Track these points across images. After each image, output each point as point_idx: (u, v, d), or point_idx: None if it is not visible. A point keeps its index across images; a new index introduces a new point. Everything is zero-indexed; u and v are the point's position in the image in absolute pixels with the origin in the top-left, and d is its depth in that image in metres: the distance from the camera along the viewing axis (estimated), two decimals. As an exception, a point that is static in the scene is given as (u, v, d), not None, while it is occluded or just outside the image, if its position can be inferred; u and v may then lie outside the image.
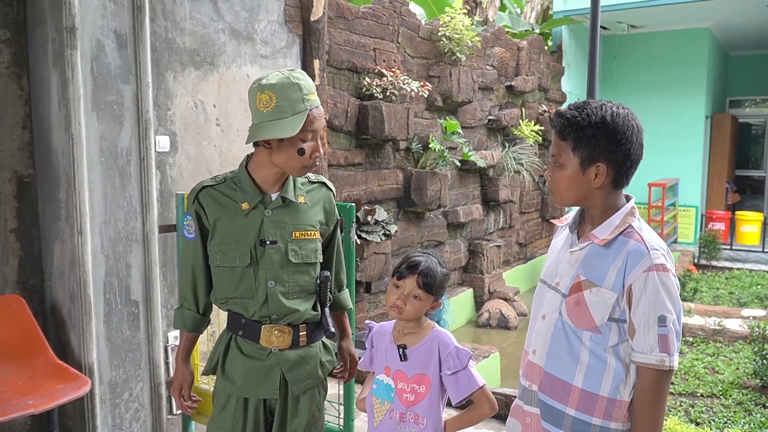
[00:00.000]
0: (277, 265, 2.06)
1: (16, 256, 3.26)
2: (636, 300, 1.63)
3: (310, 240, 2.13)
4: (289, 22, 4.51)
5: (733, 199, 12.70)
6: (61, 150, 3.10)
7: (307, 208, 2.15)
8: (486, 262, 7.42)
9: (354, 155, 5.46)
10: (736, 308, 7.06)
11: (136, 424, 3.40)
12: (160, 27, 3.51)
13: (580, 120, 1.68)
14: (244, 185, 2.08)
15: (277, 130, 1.94)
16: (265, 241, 2.05)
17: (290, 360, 2.11)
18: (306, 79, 2.00)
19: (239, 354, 2.11)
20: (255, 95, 1.98)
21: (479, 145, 7.74)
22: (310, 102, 1.97)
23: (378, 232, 5.41)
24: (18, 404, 2.71)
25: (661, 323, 1.61)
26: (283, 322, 2.09)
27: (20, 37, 3.24)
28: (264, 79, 1.98)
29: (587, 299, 1.70)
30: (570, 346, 1.73)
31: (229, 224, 2.06)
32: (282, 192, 2.09)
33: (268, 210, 2.07)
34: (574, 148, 1.70)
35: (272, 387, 2.09)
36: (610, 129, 1.66)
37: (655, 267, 1.62)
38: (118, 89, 3.24)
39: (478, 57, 7.44)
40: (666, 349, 1.62)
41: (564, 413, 1.73)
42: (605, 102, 1.72)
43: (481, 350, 5.17)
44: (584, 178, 1.71)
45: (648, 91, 11.29)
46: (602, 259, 1.71)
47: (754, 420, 4.27)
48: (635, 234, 1.69)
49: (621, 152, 1.68)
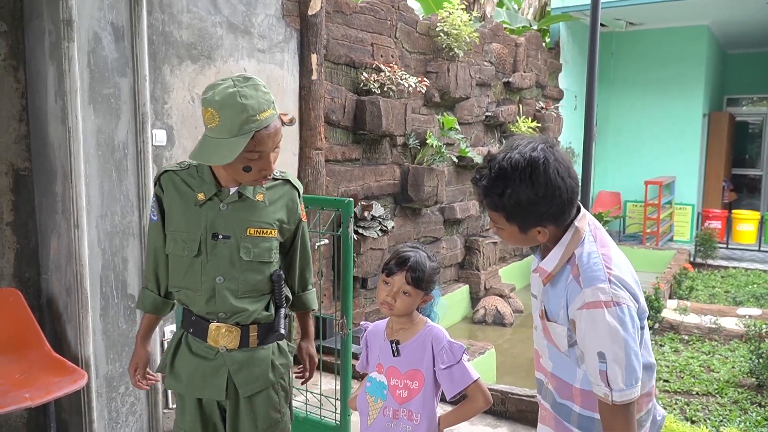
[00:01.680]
0: (227, 261, 2.01)
1: (12, 250, 3.25)
2: (578, 334, 1.63)
3: (265, 238, 2.05)
4: (287, 16, 4.49)
5: (730, 197, 12.72)
6: (58, 143, 3.09)
7: (264, 206, 2.07)
8: (482, 258, 7.43)
9: (351, 151, 5.45)
10: (732, 307, 7.08)
11: (132, 417, 3.40)
12: (157, 20, 3.50)
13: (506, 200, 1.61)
14: (204, 175, 2.03)
15: (214, 153, 1.86)
16: (218, 235, 2.01)
17: (238, 361, 2.05)
18: (256, 96, 1.86)
19: (188, 352, 2.08)
20: (202, 107, 1.89)
21: (476, 141, 7.73)
22: (257, 123, 1.84)
23: (375, 228, 5.41)
24: (14, 397, 2.70)
25: (601, 359, 1.57)
26: (231, 321, 2.03)
27: (17, 30, 3.22)
28: (211, 92, 1.86)
29: (549, 329, 1.73)
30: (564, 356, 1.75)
31: (183, 212, 2.03)
32: (239, 188, 2.03)
33: (224, 204, 2.02)
34: (508, 218, 1.66)
35: (219, 388, 2.05)
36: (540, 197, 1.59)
37: (586, 305, 1.58)
38: (115, 82, 3.23)
39: (475, 53, 7.43)
40: (608, 384, 1.57)
41: (572, 410, 1.76)
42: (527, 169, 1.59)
43: (477, 347, 5.17)
44: (528, 236, 1.69)
45: (645, 89, 11.29)
46: (552, 294, 1.71)
47: (749, 419, 4.29)
48: (574, 266, 1.65)
49: (554, 207, 1.62)
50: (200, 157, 1.91)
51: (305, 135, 4.75)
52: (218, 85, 1.87)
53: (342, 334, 3.09)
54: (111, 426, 3.30)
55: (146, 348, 2.20)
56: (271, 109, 1.89)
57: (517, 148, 1.63)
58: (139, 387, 2.22)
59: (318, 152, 4.81)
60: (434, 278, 2.11)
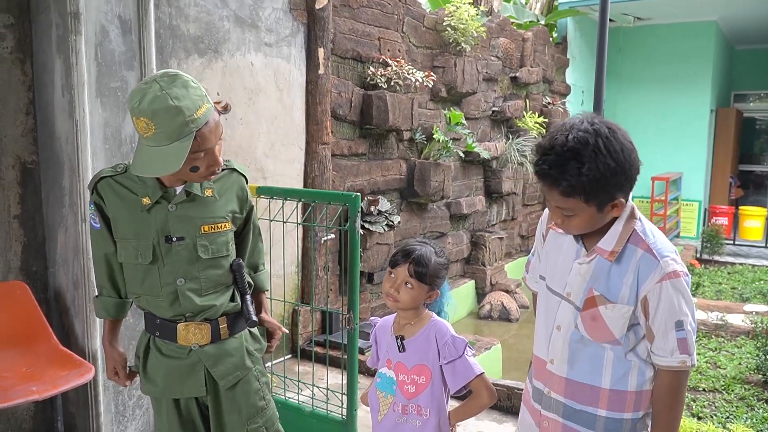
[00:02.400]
0: (185, 262, 1.96)
1: (19, 243, 3.26)
2: (653, 310, 1.62)
3: (221, 233, 2.01)
4: (294, 9, 4.48)
5: (737, 194, 12.66)
6: (65, 136, 3.09)
7: (215, 200, 2.01)
8: (488, 253, 7.41)
9: (357, 145, 5.44)
10: (738, 303, 7.05)
11: (138, 411, 3.40)
12: (165, 13, 3.49)
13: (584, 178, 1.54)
14: (145, 178, 1.91)
15: (158, 163, 1.75)
16: (171, 237, 1.93)
17: (212, 355, 2.03)
18: (188, 94, 1.75)
19: (159, 355, 2.04)
20: (132, 117, 1.76)
21: (483, 136, 7.71)
22: (196, 122, 1.75)
23: (381, 223, 5.40)
24: (22, 390, 2.71)
25: (678, 328, 1.62)
26: (198, 318, 2.00)
27: (24, 23, 3.21)
28: (137, 100, 1.73)
29: (604, 315, 1.67)
30: (592, 355, 1.72)
31: (129, 219, 1.94)
32: (186, 186, 1.94)
33: (172, 205, 1.94)
34: (587, 200, 1.59)
35: (197, 384, 2.03)
36: (620, 167, 1.56)
37: (667, 276, 1.60)
38: (122, 75, 3.22)
39: (482, 48, 7.40)
40: (686, 350, 1.63)
41: (596, 415, 1.72)
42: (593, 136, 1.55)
43: (483, 342, 5.16)
44: (602, 214, 1.64)
45: (652, 85, 11.24)
46: (614, 274, 1.67)
47: (756, 415, 4.27)
48: (642, 241, 1.65)
49: (632, 172, 1.61)
50: (144, 170, 1.78)
51: (312, 129, 4.74)
52: (143, 90, 1.75)
53: (348, 329, 3.08)
54: (118, 419, 3.30)
55: (118, 349, 2.15)
56: (206, 103, 1.80)
57: (573, 128, 1.58)
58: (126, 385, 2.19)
59: (324, 147, 4.80)
60: (440, 274, 2.09)
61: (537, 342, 1.88)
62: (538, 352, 1.87)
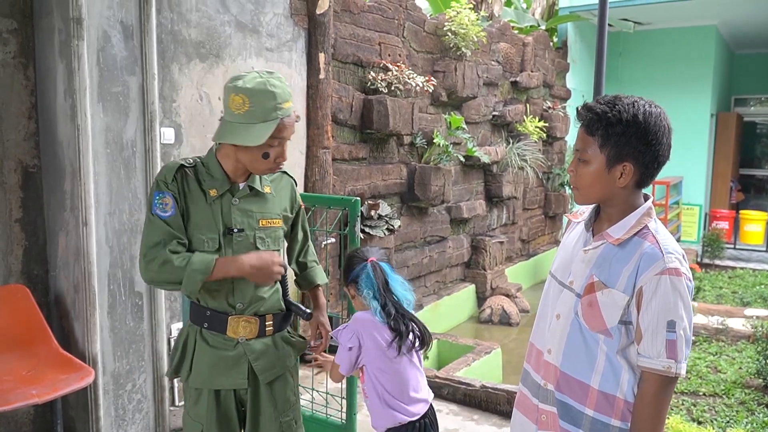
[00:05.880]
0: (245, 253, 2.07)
1: (20, 246, 3.27)
2: (645, 303, 1.60)
3: (275, 228, 2.18)
4: (295, 15, 4.50)
5: (737, 198, 12.65)
6: (67, 141, 3.10)
7: (272, 197, 2.19)
8: (488, 258, 7.41)
9: (358, 149, 5.45)
10: (739, 307, 7.05)
11: (138, 415, 3.41)
12: (166, 18, 3.51)
13: (610, 116, 1.61)
14: (214, 172, 2.08)
15: (244, 136, 1.95)
16: (233, 229, 2.07)
17: (257, 350, 2.14)
18: (283, 86, 2.00)
19: (206, 346, 2.12)
20: (229, 95, 1.97)
21: (483, 140, 7.72)
22: (282, 111, 1.97)
23: (381, 227, 5.41)
24: (22, 394, 2.72)
25: (670, 328, 1.57)
26: (249, 311, 2.12)
27: (27, 27, 3.23)
28: (240, 81, 1.97)
29: (599, 301, 1.66)
30: (587, 347, 1.70)
31: (197, 209, 2.06)
32: (249, 181, 2.12)
33: (236, 198, 2.10)
34: (601, 145, 1.64)
35: (240, 377, 2.12)
36: (642, 128, 1.60)
37: (668, 270, 1.58)
38: (124, 80, 3.24)
39: (483, 52, 7.41)
40: (673, 356, 1.58)
41: (583, 413, 1.70)
42: (638, 99, 1.66)
43: (483, 346, 5.17)
44: (609, 177, 1.66)
45: (653, 89, 11.23)
46: (615, 260, 1.66)
47: (756, 420, 4.27)
48: (650, 236, 1.65)
49: (650, 153, 1.62)
50: (230, 138, 1.97)
51: (312, 134, 4.75)
52: (245, 75, 1.98)
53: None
54: (117, 423, 3.31)
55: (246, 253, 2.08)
56: (291, 100, 2.03)
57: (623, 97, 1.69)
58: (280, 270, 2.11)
59: (325, 151, 4.81)
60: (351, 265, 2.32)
61: (537, 332, 1.88)
62: (536, 341, 1.87)
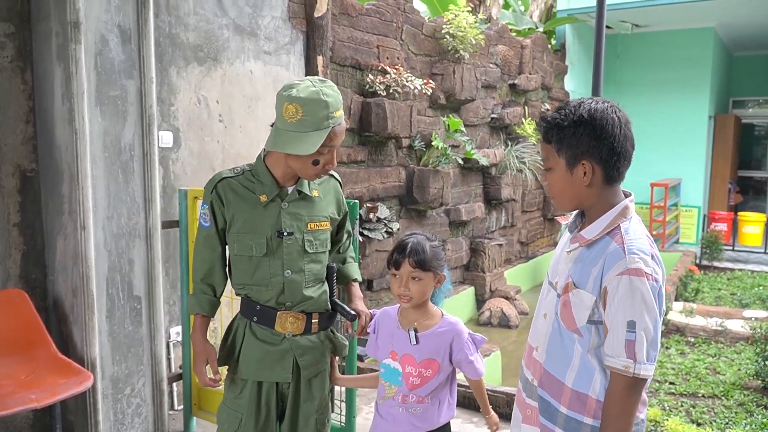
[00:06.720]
0: (295, 255, 2.17)
1: (18, 251, 3.26)
2: (609, 302, 1.62)
3: (323, 230, 2.25)
4: (293, 18, 4.50)
5: (736, 199, 12.67)
6: (65, 145, 3.10)
7: (320, 200, 2.26)
8: (487, 260, 7.42)
9: (357, 152, 5.45)
10: (737, 309, 7.05)
11: (137, 419, 3.40)
12: (164, 22, 3.51)
13: (559, 121, 1.70)
14: (263, 178, 2.17)
15: (297, 145, 2.00)
16: (283, 232, 2.15)
17: (302, 345, 2.22)
18: (335, 95, 2.05)
19: (254, 339, 2.21)
20: (283, 103, 2.02)
21: (482, 143, 7.73)
22: (334, 119, 2.03)
23: (380, 230, 5.41)
24: (20, 398, 2.71)
25: (630, 328, 1.59)
26: (297, 309, 2.20)
27: (24, 31, 3.23)
28: (294, 90, 2.01)
29: (571, 300, 1.71)
30: (564, 346, 1.74)
31: (247, 215, 2.15)
32: (297, 186, 2.20)
33: (285, 203, 2.17)
34: (558, 149, 1.72)
35: (285, 371, 2.20)
36: (589, 125, 1.67)
37: (628, 271, 1.59)
38: (121, 84, 3.24)
39: (481, 55, 7.43)
40: (632, 356, 1.59)
41: (558, 410, 1.75)
42: (585, 99, 1.73)
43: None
44: (573, 178, 1.72)
45: (651, 91, 11.26)
46: (587, 261, 1.70)
47: (755, 421, 4.27)
48: (618, 236, 1.67)
49: (604, 147, 1.67)
50: (283, 147, 2.03)
51: (311, 137, 4.75)
52: (298, 83, 2.03)
53: (348, 336, 3.09)
54: (116, 427, 3.30)
55: (210, 344, 2.25)
56: (341, 108, 2.08)
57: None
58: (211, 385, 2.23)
59: (323, 154, 4.81)
60: (439, 256, 2.20)
61: (531, 330, 1.95)
62: (530, 339, 1.94)
